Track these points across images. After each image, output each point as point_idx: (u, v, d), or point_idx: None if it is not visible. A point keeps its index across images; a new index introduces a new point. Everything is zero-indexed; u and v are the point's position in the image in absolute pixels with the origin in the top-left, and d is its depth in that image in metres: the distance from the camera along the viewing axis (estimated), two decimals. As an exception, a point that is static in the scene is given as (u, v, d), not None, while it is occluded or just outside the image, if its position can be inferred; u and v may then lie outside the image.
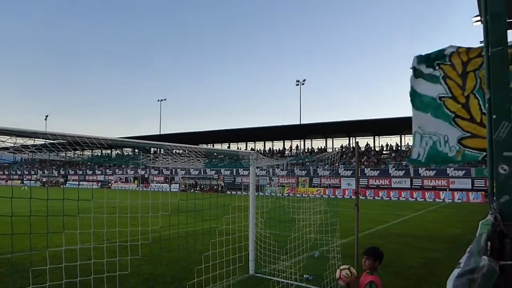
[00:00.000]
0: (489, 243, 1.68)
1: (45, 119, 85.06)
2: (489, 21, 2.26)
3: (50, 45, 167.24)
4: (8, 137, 4.38)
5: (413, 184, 43.18)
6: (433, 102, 5.30)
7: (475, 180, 39.31)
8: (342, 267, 4.34)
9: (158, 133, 69.08)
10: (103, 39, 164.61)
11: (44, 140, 5.39)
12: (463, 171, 40.80)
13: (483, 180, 37.31)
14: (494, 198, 2.02)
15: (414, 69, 5.57)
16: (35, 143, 5.29)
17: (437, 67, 5.30)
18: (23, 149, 4.81)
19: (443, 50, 5.24)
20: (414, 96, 5.52)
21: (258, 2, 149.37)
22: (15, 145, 4.64)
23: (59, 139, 5.23)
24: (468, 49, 5.12)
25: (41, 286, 5.60)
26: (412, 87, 5.56)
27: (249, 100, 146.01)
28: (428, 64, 5.40)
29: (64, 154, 7.04)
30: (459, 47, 5.17)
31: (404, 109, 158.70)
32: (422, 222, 19.61)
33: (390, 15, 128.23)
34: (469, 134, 4.99)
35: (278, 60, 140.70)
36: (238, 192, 41.99)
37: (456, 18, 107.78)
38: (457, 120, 5.08)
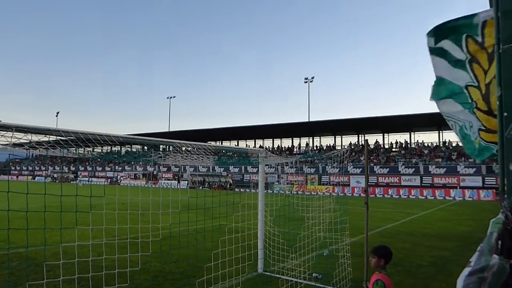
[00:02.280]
0: (500, 242, 1.67)
1: (56, 116, 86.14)
2: (500, 18, 2.25)
3: (61, 42, 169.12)
4: (24, 134, 4.47)
5: (423, 182, 42.78)
6: (458, 89, 4.24)
7: (485, 178, 38.84)
8: None
9: (167, 131, 69.45)
10: (114, 37, 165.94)
11: (57, 137, 5.48)
12: (474, 169, 40.32)
13: (494, 178, 36.84)
14: (505, 196, 2.01)
15: (431, 50, 4.25)
16: (48, 140, 5.38)
17: (463, 45, 3.96)
18: (36, 146, 4.89)
19: (472, 17, 3.72)
20: (439, 84, 4.35)
21: (267, 0, 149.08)
22: (30, 142, 4.73)
23: (71, 136, 5.30)
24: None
25: (54, 280, 5.71)
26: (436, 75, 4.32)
27: (258, 98, 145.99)
28: (452, 38, 4.03)
29: (75, 151, 7.14)
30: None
31: (413, 106, 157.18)
32: (432, 221, 19.46)
33: (398, 12, 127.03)
34: (483, 128, 4.29)
35: (287, 57, 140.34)
36: (246, 190, 42.06)
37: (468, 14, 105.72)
38: (475, 112, 4.11)
